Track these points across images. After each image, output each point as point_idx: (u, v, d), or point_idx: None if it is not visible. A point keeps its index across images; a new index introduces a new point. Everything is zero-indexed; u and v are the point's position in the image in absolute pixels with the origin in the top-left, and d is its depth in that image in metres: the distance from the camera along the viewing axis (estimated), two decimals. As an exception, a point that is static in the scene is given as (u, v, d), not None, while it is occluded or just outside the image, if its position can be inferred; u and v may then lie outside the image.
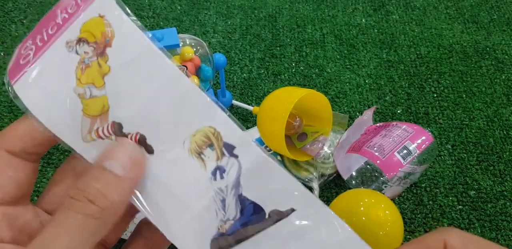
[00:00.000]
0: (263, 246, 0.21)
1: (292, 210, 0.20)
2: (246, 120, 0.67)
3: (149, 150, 0.21)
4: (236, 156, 0.20)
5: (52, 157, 0.61)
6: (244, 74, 0.73)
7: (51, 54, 0.22)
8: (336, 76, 0.73)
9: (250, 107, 0.66)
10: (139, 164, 0.21)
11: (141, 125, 0.21)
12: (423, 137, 0.55)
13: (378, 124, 0.59)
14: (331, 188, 0.59)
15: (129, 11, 0.22)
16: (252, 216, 0.21)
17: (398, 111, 0.68)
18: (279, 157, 0.61)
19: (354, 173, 0.57)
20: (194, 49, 0.52)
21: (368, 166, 0.57)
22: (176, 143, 0.21)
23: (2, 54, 0.75)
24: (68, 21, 0.22)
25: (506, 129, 0.66)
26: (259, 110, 0.58)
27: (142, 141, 0.21)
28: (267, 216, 0.20)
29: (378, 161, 0.52)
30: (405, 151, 0.53)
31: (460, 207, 0.57)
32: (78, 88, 0.22)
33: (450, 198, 0.58)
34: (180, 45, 0.51)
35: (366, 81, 0.73)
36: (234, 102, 0.66)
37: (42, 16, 0.24)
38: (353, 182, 0.56)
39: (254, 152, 0.20)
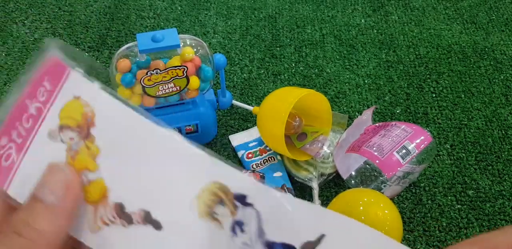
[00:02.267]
0: None
1: (322, 235, 0.19)
2: (246, 120, 0.67)
3: (157, 226, 0.20)
4: (250, 205, 0.19)
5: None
6: (244, 74, 0.73)
7: (35, 149, 0.21)
8: (335, 76, 0.74)
9: (250, 107, 0.66)
10: (73, 189, 0.20)
11: (142, 200, 0.20)
12: (422, 137, 0.55)
13: (377, 124, 0.59)
14: (331, 187, 0.59)
15: (100, 84, 0.20)
16: None
17: (397, 111, 0.69)
18: (279, 157, 0.61)
19: (353, 173, 0.57)
20: (195, 50, 0.53)
21: (367, 165, 0.58)
22: (183, 210, 0.19)
23: (3, 54, 0.75)
24: (43, 111, 0.21)
25: (504, 129, 0.66)
26: (259, 110, 0.58)
27: (147, 219, 0.20)
28: None
29: (377, 161, 0.52)
30: (404, 151, 0.53)
31: (459, 206, 0.58)
32: None
33: (449, 197, 0.58)
34: (181, 45, 0.51)
35: (366, 81, 0.73)
36: (234, 102, 0.66)
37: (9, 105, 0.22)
38: (353, 181, 0.57)
39: (267, 194, 0.18)
